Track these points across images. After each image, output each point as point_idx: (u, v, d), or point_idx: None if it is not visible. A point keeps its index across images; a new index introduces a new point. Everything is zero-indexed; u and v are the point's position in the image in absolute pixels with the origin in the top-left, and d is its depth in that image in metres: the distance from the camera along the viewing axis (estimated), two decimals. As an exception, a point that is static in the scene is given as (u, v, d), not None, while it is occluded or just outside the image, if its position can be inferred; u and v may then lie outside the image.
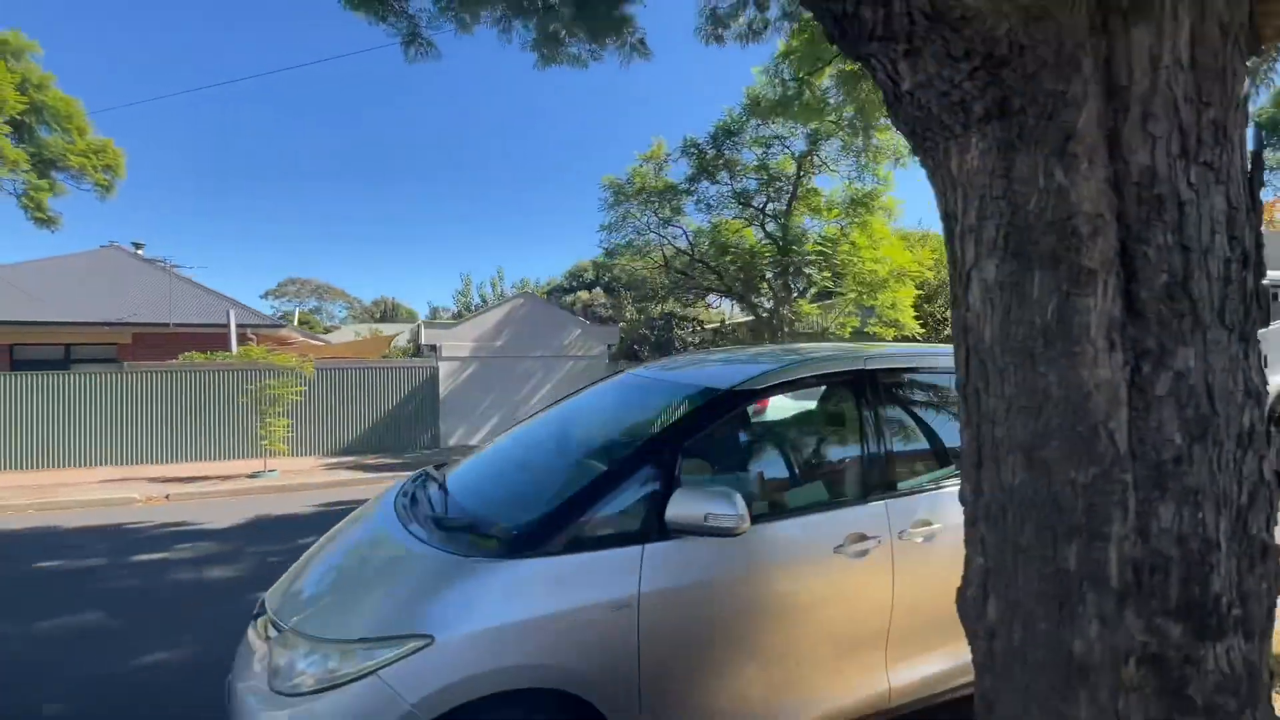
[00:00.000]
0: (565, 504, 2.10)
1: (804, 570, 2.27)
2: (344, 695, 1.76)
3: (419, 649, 1.79)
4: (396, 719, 1.73)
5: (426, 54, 6.16)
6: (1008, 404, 1.27)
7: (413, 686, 1.75)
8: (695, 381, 2.59)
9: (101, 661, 3.44)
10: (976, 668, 1.44)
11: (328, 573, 2.34)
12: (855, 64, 7.89)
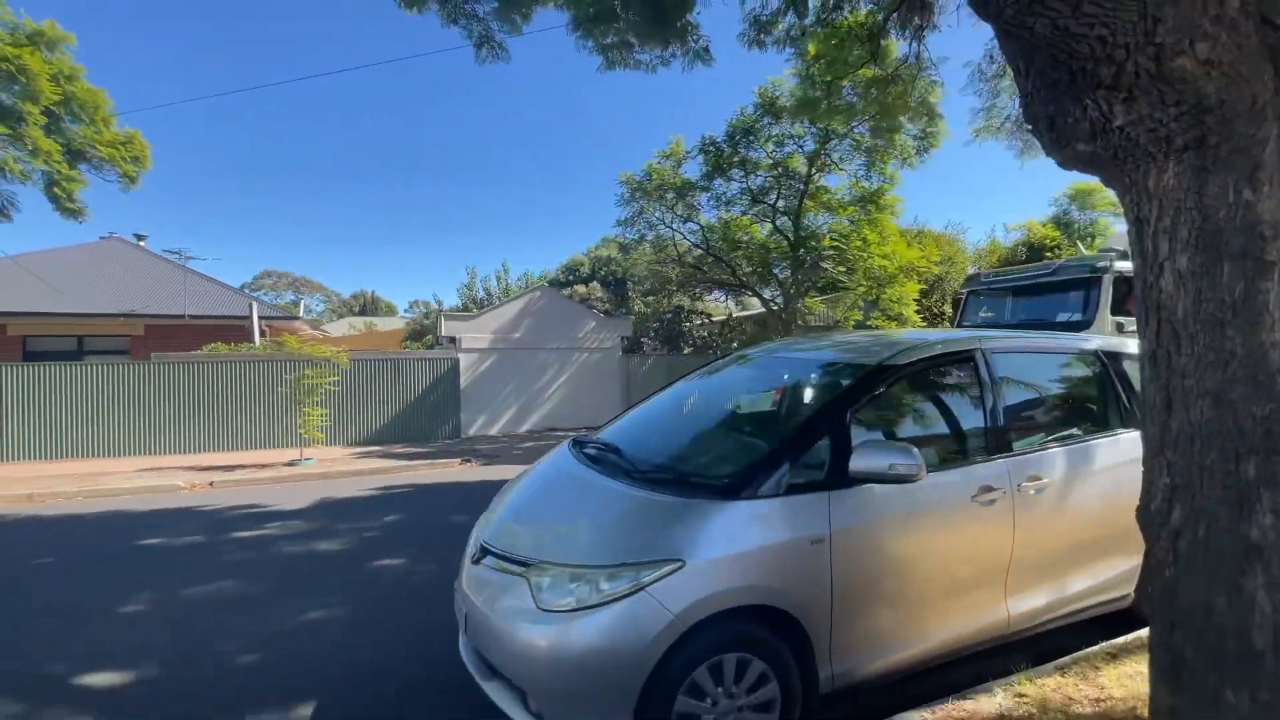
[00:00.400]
0: (767, 457, 2.51)
1: (948, 515, 2.71)
2: (617, 608, 2.15)
3: (674, 570, 2.19)
4: (663, 626, 2.13)
5: (498, 56, 6.49)
6: (1197, 360, 1.71)
7: (673, 599, 2.16)
8: (842, 359, 3.01)
9: (265, 621, 3.75)
10: (1156, 565, 1.88)
11: (547, 518, 2.72)
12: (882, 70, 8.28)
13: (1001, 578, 2.86)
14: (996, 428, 2.94)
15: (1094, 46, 1.68)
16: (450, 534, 5.67)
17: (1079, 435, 3.21)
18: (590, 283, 30.16)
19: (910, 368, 2.86)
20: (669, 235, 15.44)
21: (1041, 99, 2.25)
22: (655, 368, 15.77)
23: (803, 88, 9.12)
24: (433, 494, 7.79)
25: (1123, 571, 3.28)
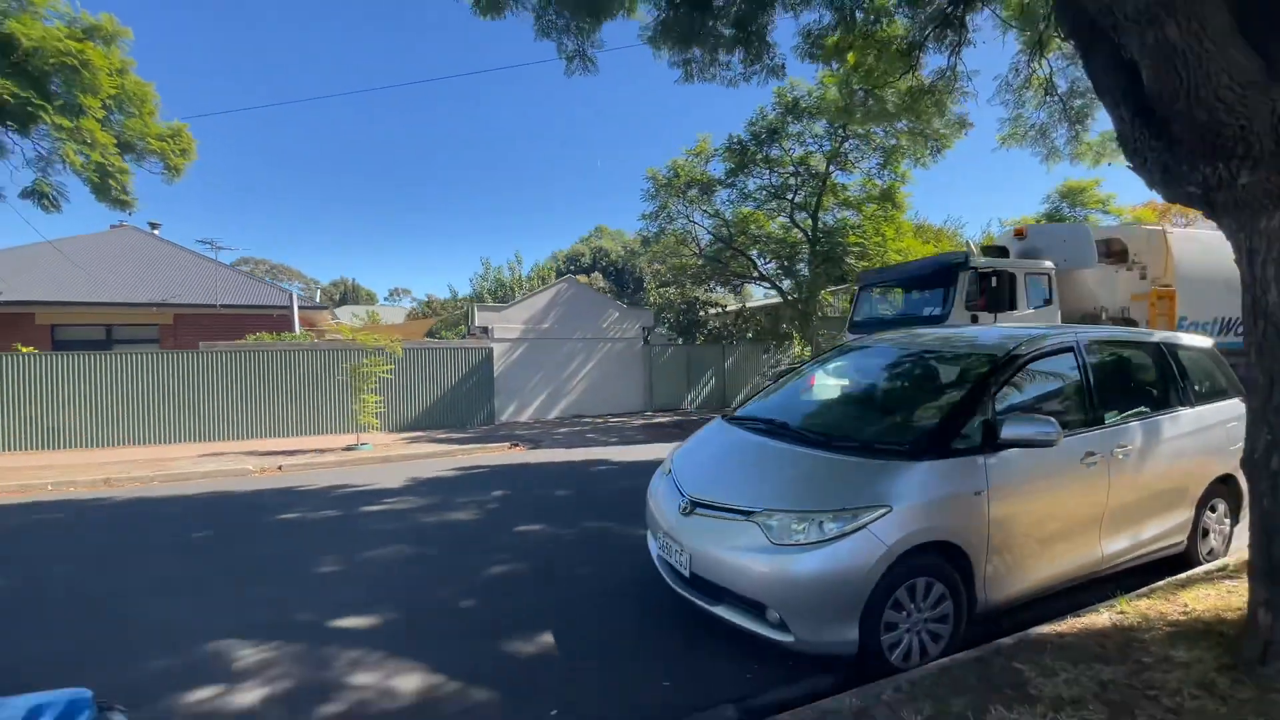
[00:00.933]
0: (938, 427, 3.18)
1: (1064, 474, 3.41)
2: (845, 542, 2.81)
3: (885, 514, 2.85)
4: (880, 555, 2.80)
5: (587, 69, 7.02)
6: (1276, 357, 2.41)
7: (886, 535, 2.82)
8: (975, 350, 3.70)
9: (458, 574, 4.31)
10: (1262, 515, 2.59)
11: (751, 477, 3.34)
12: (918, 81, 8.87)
13: (1098, 525, 3.59)
14: (1093, 405, 3.65)
15: (1236, 131, 2.35)
16: (563, 505, 6.28)
17: (1149, 412, 3.95)
18: (592, 273, 30.63)
19: (1032, 357, 3.55)
20: (688, 228, 16.06)
21: (1155, 150, 2.94)
22: (675, 357, 16.42)
23: (842, 95, 9.75)
24: (511, 473, 8.35)
25: (1179, 523, 4.04)
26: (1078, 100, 9.08)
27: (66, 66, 9.38)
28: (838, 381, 4.20)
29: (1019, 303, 8.47)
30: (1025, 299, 8.53)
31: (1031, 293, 8.66)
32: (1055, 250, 9.17)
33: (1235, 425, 4.36)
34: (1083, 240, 9.13)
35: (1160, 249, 8.93)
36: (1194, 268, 8.99)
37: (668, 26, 7.00)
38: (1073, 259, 9.02)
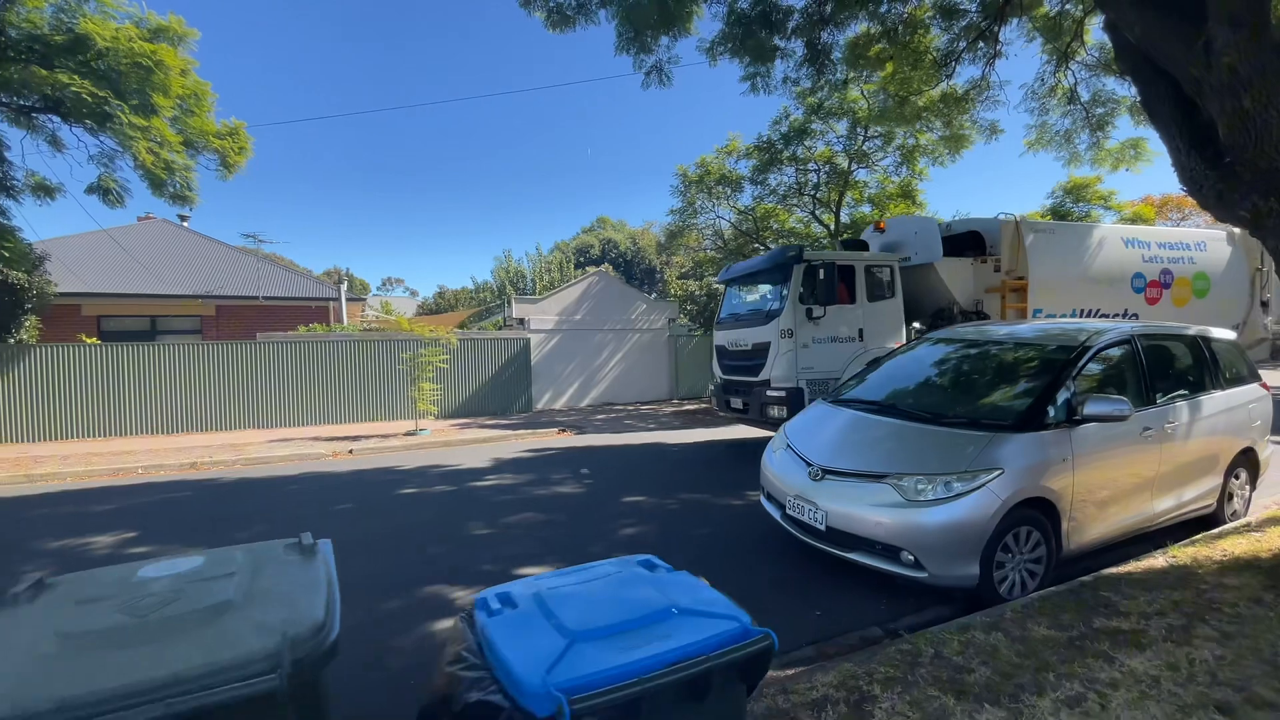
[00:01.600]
0: (1033, 406, 3.88)
1: (1127, 444, 4.14)
2: (969, 498, 3.51)
3: (1000, 474, 3.56)
4: (996, 507, 3.51)
5: (663, 83, 7.62)
6: None
7: (1001, 491, 3.53)
8: (1051, 342, 4.40)
9: (596, 533, 4.98)
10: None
11: (877, 448, 4.02)
12: (952, 90, 9.52)
13: (1151, 487, 4.33)
14: (1147, 387, 4.38)
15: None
16: (650, 481, 6.94)
17: (1189, 394, 4.69)
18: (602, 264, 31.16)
19: (1101, 347, 4.27)
20: (712, 222, 16.71)
21: (1209, 179, 3.65)
22: (699, 347, 17.11)
23: (882, 101, 10.40)
24: (581, 455, 9.03)
25: (1211, 487, 4.80)
26: (1099, 109, 9.79)
27: (141, 67, 9.79)
28: (925, 368, 4.90)
29: (857, 295, 8.25)
30: (864, 292, 8.28)
31: (871, 286, 8.36)
32: (910, 244, 9.09)
33: (1255, 405, 5.15)
34: (930, 233, 8.94)
35: (1014, 241, 8.80)
36: (1048, 261, 8.89)
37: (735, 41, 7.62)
38: (923, 252, 8.86)
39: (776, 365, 7.86)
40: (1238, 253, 10.42)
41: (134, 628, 1.13)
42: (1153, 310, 9.56)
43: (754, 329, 8.42)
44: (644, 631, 1.23)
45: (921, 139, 14.43)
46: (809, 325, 7.85)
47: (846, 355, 8.09)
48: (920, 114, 10.45)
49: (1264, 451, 5.20)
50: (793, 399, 7.66)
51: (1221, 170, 3.65)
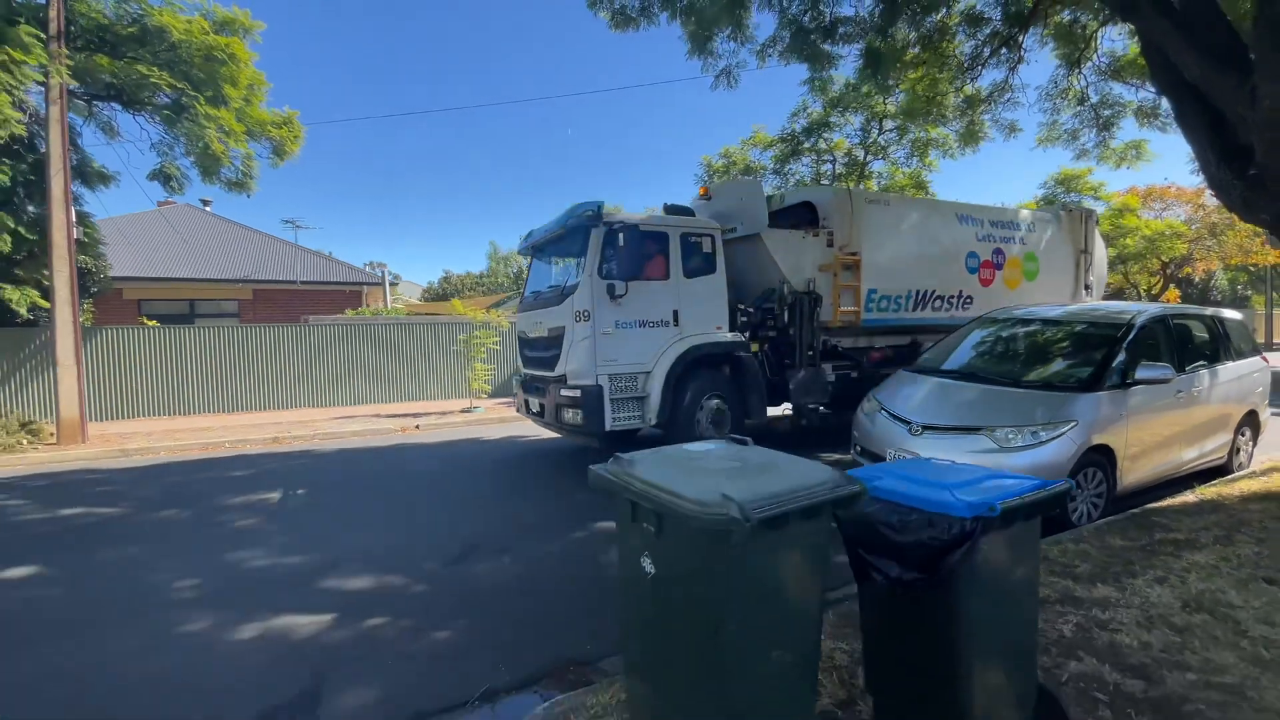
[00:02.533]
0: (1095, 371, 4.78)
1: (1165, 404, 5.06)
2: (1052, 444, 4.39)
3: (1074, 426, 4.45)
4: (1073, 451, 4.40)
5: (730, 86, 8.35)
6: None
7: (1076, 439, 4.42)
8: (1105, 320, 5.30)
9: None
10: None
11: (965, 406, 4.88)
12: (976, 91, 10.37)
13: (1180, 439, 5.28)
14: (1178, 357, 5.32)
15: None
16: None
17: (1208, 364, 5.64)
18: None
19: (1143, 324, 5.18)
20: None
21: (1237, 187, 4.52)
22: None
23: (909, 100, 11.23)
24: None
25: (1223, 442, 5.79)
26: (1106, 111, 10.72)
27: (214, 59, 10.19)
28: (993, 341, 5.79)
29: (671, 270, 6.60)
30: (679, 265, 6.64)
31: (688, 258, 6.73)
32: (737, 212, 7.52)
33: (1258, 375, 6.15)
34: (754, 198, 7.43)
35: (847, 213, 7.62)
36: (883, 235, 7.87)
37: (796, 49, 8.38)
38: (749, 221, 7.35)
39: (571, 357, 6.24)
40: (1063, 235, 9.90)
41: (740, 469, 1.89)
42: (986, 292, 8.76)
43: (550, 310, 6.73)
44: (991, 480, 2.07)
45: (933, 132, 15.30)
46: (611, 306, 6.16)
47: (658, 344, 6.44)
48: (946, 113, 11.31)
49: (1264, 414, 6.22)
50: (590, 401, 6.05)
51: (1249, 181, 4.53)
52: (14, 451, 8.72)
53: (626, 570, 1.94)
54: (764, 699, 1.74)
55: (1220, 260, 22.81)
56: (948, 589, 1.91)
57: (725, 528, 1.52)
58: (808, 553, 1.77)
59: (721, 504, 1.54)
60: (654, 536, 1.75)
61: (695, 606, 1.68)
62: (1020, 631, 2.10)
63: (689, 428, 6.48)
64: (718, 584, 1.61)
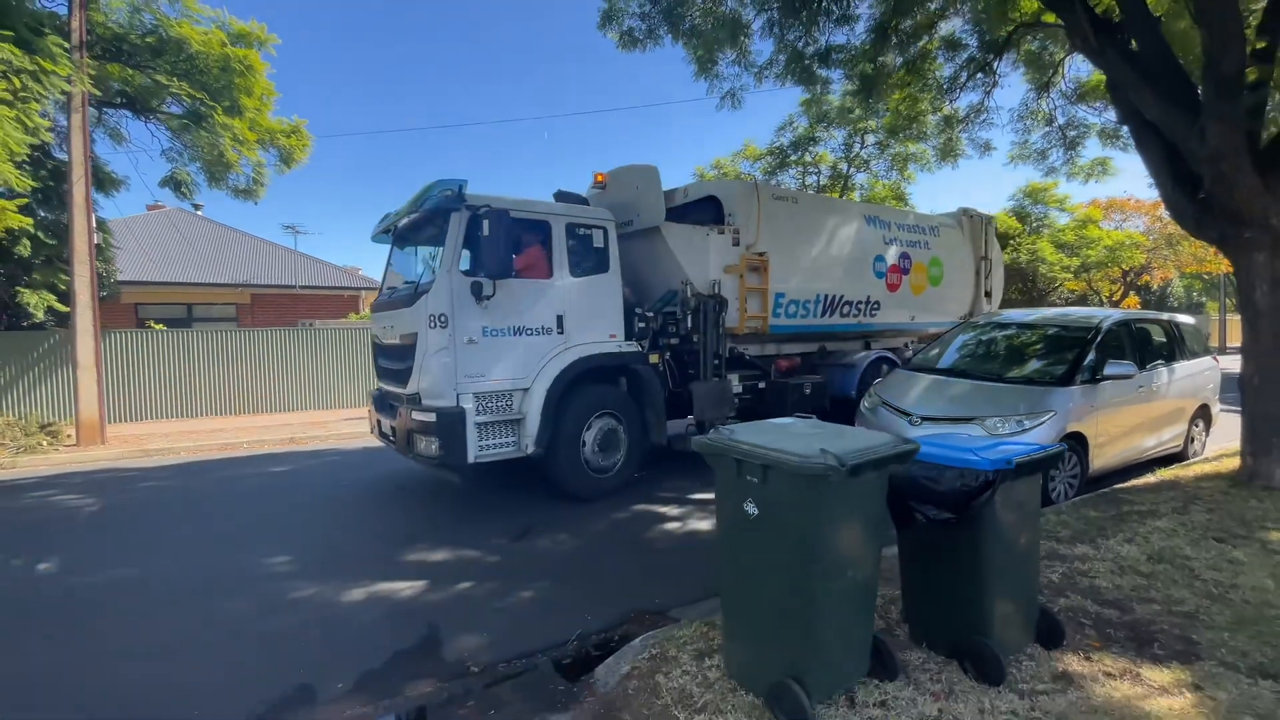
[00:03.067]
0: (1070, 368, 5.46)
1: (1129, 397, 5.77)
2: (1034, 431, 5.01)
3: (1053, 415, 5.11)
4: (1054, 436, 5.05)
5: (735, 107, 8.98)
6: (1272, 340, 4.79)
7: (1056, 425, 5.07)
8: (1075, 324, 6.00)
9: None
10: (1246, 402, 5.00)
11: (958, 400, 5.52)
12: (954, 113, 11.21)
13: (1142, 428, 6.00)
14: (1140, 356, 6.04)
15: (1245, 212, 4.66)
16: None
17: (1165, 363, 6.39)
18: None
19: (1109, 328, 5.89)
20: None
21: (1193, 208, 5.25)
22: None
23: (891, 118, 12.02)
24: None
25: (1179, 432, 6.54)
26: (1072, 132, 11.64)
27: (232, 69, 10.51)
28: (979, 343, 6.47)
29: (555, 266, 5.58)
30: (565, 261, 5.64)
31: (576, 253, 5.76)
32: (634, 203, 6.63)
33: (1209, 373, 6.94)
34: (651, 187, 6.55)
35: (754, 209, 6.93)
36: (792, 235, 7.32)
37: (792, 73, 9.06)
38: (647, 213, 6.54)
39: (425, 371, 5.09)
40: (965, 240, 9.73)
41: (822, 435, 2.43)
42: (893, 297, 8.49)
43: (400, 313, 5.54)
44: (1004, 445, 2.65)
45: (912, 148, 16.19)
46: (476, 309, 5.11)
47: (539, 355, 5.45)
48: (926, 130, 12.13)
49: (1215, 409, 7.01)
50: (448, 427, 4.92)
51: (1199, 205, 5.27)
52: (37, 452, 8.90)
53: (726, 515, 2.48)
54: (837, 612, 2.29)
55: (1176, 269, 24.24)
56: (974, 525, 2.49)
57: (825, 473, 2.07)
58: (874, 495, 2.34)
59: (821, 456, 2.10)
60: (758, 485, 2.29)
61: (792, 535, 2.22)
62: (1026, 562, 2.70)
63: (573, 453, 5.52)
64: (813, 516, 2.17)
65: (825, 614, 2.25)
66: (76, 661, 3.08)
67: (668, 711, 2.38)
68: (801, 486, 2.16)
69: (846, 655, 2.40)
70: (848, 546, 2.27)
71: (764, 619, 2.39)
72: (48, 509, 6.00)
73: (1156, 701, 2.31)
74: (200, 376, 12.14)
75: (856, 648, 2.44)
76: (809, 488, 2.15)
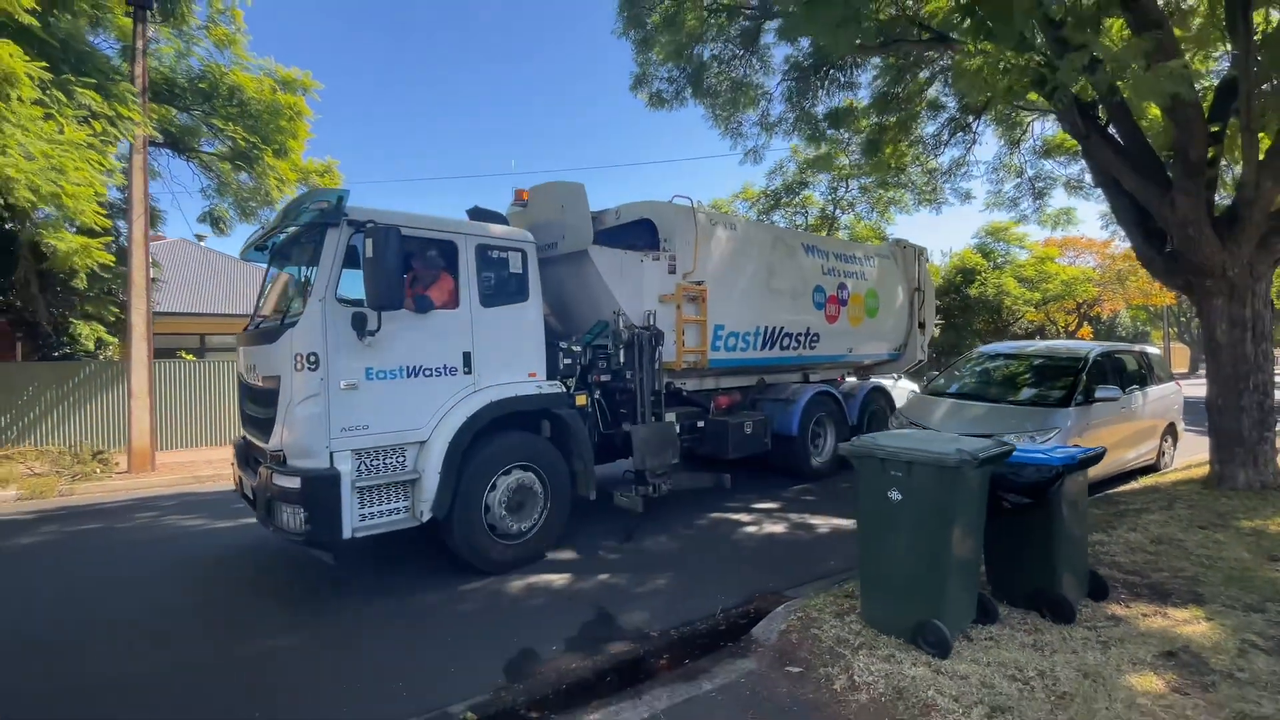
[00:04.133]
0: (1068, 391, 6.52)
1: (1114, 416, 6.87)
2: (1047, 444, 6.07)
3: (1057, 431, 6.14)
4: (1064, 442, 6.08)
5: (756, 162, 10.09)
6: (1227, 360, 5.94)
7: (1062, 440, 6.11)
8: (1066, 355, 7.10)
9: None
10: (1213, 416, 6.12)
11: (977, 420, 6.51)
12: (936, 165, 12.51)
13: (1125, 443, 7.10)
14: (1120, 381, 7.17)
15: (1206, 265, 5.84)
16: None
17: (1139, 387, 7.54)
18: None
19: (1096, 358, 7.00)
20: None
21: (1162, 260, 6.43)
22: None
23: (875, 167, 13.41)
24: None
25: (1152, 446, 7.69)
26: (1040, 183, 13.17)
27: (281, 114, 11.20)
28: (987, 371, 7.52)
29: (462, 295, 4.77)
30: (473, 289, 4.82)
31: (488, 280, 4.96)
32: (558, 223, 6.02)
33: (1174, 396, 8.16)
34: (577, 205, 5.95)
35: (691, 235, 6.52)
36: (731, 263, 7.02)
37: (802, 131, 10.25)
38: (572, 235, 5.93)
39: (290, 423, 4.16)
40: (900, 270, 9.64)
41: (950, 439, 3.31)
42: (832, 329, 8.31)
43: (263, 350, 4.63)
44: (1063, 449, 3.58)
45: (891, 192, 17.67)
46: (356, 347, 4.23)
47: (439, 400, 4.60)
48: (913, 181, 13.52)
49: (1180, 427, 8.22)
50: (316, 495, 4.02)
51: (1165, 257, 6.45)
52: (93, 479, 9.16)
53: (870, 502, 3.32)
54: (959, 571, 3.14)
55: (1124, 301, 26.43)
56: (1046, 507, 3.41)
57: (960, 466, 2.95)
58: (984, 484, 3.23)
59: (957, 455, 2.98)
60: (902, 478, 3.15)
61: (932, 513, 3.08)
62: (1081, 534, 3.62)
63: (473, 516, 4.60)
64: (948, 499, 3.03)
65: (953, 572, 3.10)
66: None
67: (833, 649, 3.18)
68: (941, 477, 3.03)
69: (964, 604, 3.25)
70: (967, 522, 3.14)
71: (903, 580, 3.23)
72: (176, 526, 6.44)
73: (1184, 628, 3.23)
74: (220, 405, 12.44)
75: (969, 599, 3.29)
76: (947, 478, 3.02)
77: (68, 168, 7.55)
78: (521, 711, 2.97)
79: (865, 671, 2.95)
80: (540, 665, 3.36)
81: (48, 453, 9.90)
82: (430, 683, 3.18)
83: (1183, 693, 2.68)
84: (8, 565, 5.33)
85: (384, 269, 4.01)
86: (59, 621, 4.09)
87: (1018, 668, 2.90)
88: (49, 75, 7.66)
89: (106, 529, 6.45)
